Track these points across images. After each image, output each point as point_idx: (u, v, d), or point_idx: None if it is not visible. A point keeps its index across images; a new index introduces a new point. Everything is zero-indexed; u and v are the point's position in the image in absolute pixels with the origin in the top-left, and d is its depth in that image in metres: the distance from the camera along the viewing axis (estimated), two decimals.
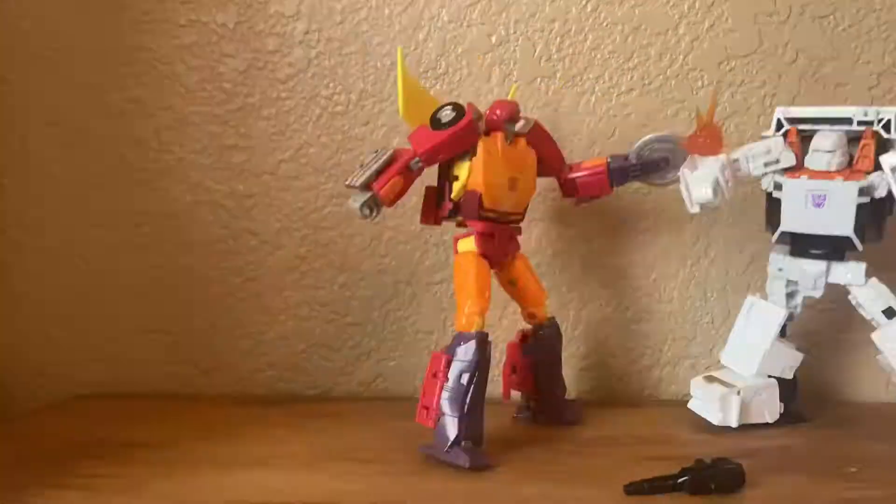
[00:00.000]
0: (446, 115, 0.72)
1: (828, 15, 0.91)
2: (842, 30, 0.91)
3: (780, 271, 0.80)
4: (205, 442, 0.75)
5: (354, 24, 0.92)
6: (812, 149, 0.77)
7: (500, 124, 0.75)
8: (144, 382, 0.96)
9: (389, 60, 0.92)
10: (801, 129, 0.78)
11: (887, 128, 0.74)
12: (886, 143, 0.74)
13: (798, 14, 0.91)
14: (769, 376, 0.80)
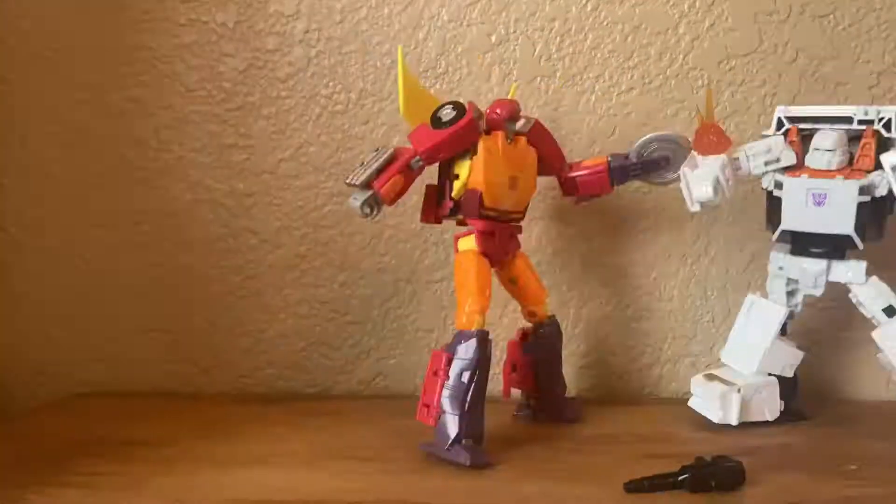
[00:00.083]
0: (447, 114, 0.72)
1: (828, 14, 0.91)
2: (842, 29, 0.91)
3: (781, 270, 0.80)
4: (204, 440, 0.75)
5: (354, 24, 0.92)
6: (812, 147, 0.77)
7: (501, 123, 0.75)
8: (144, 381, 0.96)
9: (389, 59, 0.92)
10: (802, 128, 0.78)
11: (888, 127, 0.74)
12: (887, 142, 0.74)
13: (798, 13, 0.91)
14: (769, 374, 0.80)
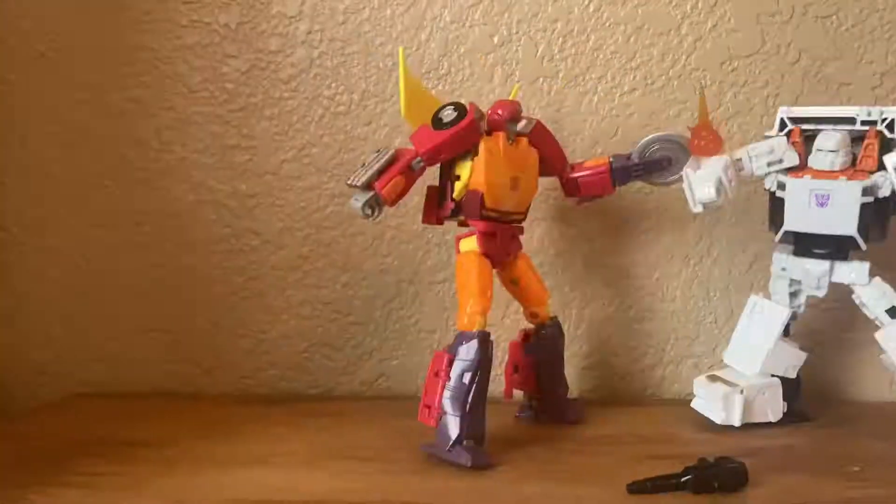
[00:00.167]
0: (448, 115, 0.72)
1: (831, 15, 0.91)
2: (845, 30, 0.91)
3: (784, 270, 0.80)
4: (205, 440, 0.75)
5: (357, 25, 0.92)
6: (815, 148, 0.77)
7: (502, 124, 0.75)
8: (145, 381, 0.95)
9: (392, 60, 0.92)
10: (805, 129, 0.78)
11: (891, 127, 0.74)
12: (890, 143, 0.74)
13: (801, 14, 0.91)
14: (772, 375, 0.80)
